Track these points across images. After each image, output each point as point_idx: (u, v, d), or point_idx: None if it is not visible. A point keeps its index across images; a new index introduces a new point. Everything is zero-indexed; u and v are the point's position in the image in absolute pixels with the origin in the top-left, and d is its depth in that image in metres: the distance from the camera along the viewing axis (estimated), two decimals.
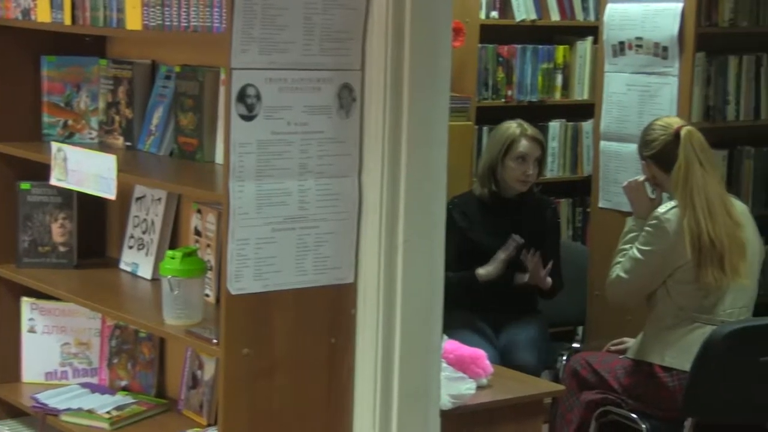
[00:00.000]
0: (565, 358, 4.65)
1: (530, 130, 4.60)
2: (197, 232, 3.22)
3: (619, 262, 4.14)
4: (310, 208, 2.78)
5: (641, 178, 4.23)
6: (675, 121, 4.17)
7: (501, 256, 4.49)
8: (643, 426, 4.01)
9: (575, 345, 4.94)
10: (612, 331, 4.57)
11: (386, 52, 2.74)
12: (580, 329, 5.16)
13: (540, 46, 5.72)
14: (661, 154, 4.10)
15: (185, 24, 2.90)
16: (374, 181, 2.80)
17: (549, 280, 4.58)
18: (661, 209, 4.04)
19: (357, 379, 2.87)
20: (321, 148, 2.78)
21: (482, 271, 4.49)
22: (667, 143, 4.08)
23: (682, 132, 4.04)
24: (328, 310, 2.84)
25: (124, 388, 3.47)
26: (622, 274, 4.09)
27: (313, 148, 2.77)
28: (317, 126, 2.76)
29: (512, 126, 4.61)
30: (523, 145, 4.55)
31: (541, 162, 4.60)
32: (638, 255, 4.04)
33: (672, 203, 4.03)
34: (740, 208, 4.11)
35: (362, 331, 2.86)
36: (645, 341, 4.08)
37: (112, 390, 3.45)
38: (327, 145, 2.78)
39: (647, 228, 4.03)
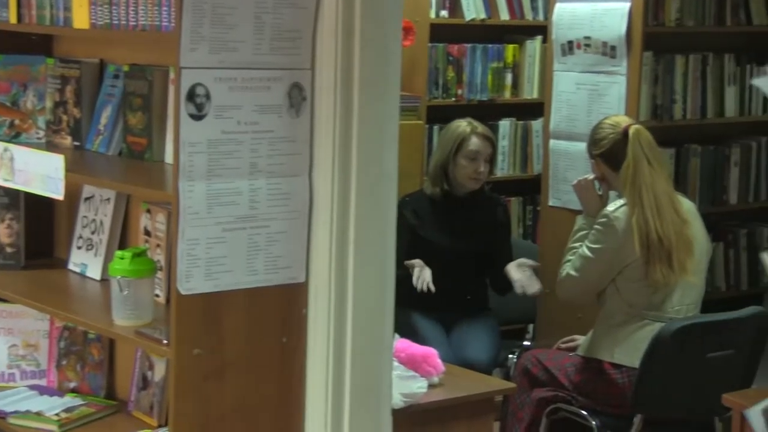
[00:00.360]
0: (515, 356, 4.68)
1: (480, 128, 4.63)
2: (147, 232, 3.21)
3: (569, 261, 4.17)
4: (261, 207, 2.78)
5: (590, 176, 4.27)
6: (623, 120, 4.21)
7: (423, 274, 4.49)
8: (593, 422, 4.05)
9: (526, 343, 4.98)
10: (562, 328, 4.60)
11: (336, 51, 2.74)
12: (530, 327, 5.20)
13: (490, 46, 5.76)
14: (610, 153, 4.14)
15: (133, 23, 2.88)
16: (325, 180, 2.81)
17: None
18: (610, 207, 4.07)
19: (308, 378, 2.87)
20: (271, 148, 2.77)
21: (415, 261, 4.47)
22: (616, 142, 4.11)
23: (631, 130, 4.08)
24: (280, 310, 2.85)
25: (73, 390, 3.44)
26: (573, 272, 4.12)
27: (264, 147, 2.76)
28: (267, 125, 2.76)
29: (462, 124, 4.63)
30: (474, 143, 4.57)
31: (491, 160, 4.64)
32: (588, 253, 4.07)
33: (621, 201, 4.07)
34: (687, 206, 4.16)
35: (314, 330, 2.86)
36: (595, 338, 4.12)
37: (60, 392, 3.43)
38: (277, 144, 2.78)
39: (596, 226, 4.07)
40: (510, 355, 4.73)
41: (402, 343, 3.59)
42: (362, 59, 2.74)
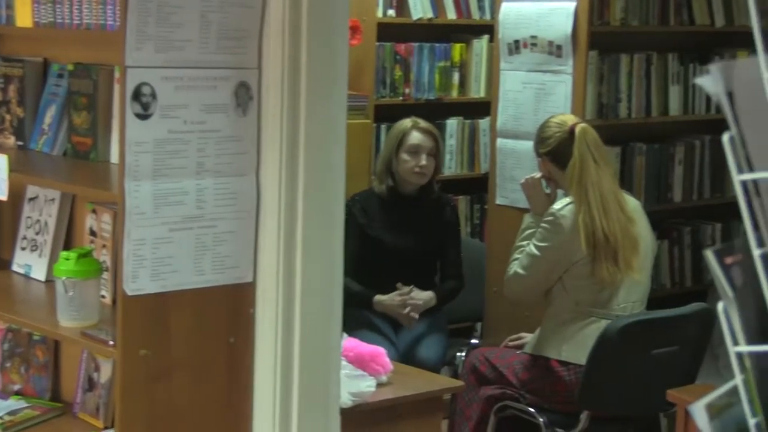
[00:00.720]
0: (464, 354, 4.71)
1: (423, 123, 4.67)
2: (92, 233, 3.18)
3: (516, 259, 4.20)
4: (208, 207, 2.77)
5: (537, 175, 4.30)
6: (570, 119, 4.25)
7: (398, 302, 4.54)
8: (541, 420, 4.08)
9: (474, 341, 5.00)
10: (510, 326, 4.63)
11: (283, 50, 2.74)
12: (478, 325, 5.23)
13: (437, 45, 5.78)
14: (556, 151, 4.17)
15: (77, 21, 2.86)
16: (272, 179, 2.81)
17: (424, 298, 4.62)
18: (557, 206, 4.11)
19: (256, 378, 2.87)
20: (218, 147, 2.77)
21: (380, 299, 4.51)
22: (563, 140, 4.15)
23: (577, 129, 4.12)
24: (227, 310, 2.84)
25: (18, 393, 3.41)
26: (520, 270, 4.15)
27: (211, 146, 2.76)
28: (214, 125, 2.76)
29: (405, 121, 4.69)
30: (415, 136, 4.61)
31: (436, 156, 4.65)
32: (535, 251, 4.10)
33: (567, 200, 4.10)
34: (633, 204, 4.21)
35: (261, 330, 2.86)
36: (542, 336, 4.15)
37: (4, 395, 3.39)
38: (224, 143, 2.78)
39: (543, 224, 4.10)
40: (458, 354, 4.75)
41: (350, 342, 3.59)
42: (309, 58, 2.75)
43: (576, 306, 4.07)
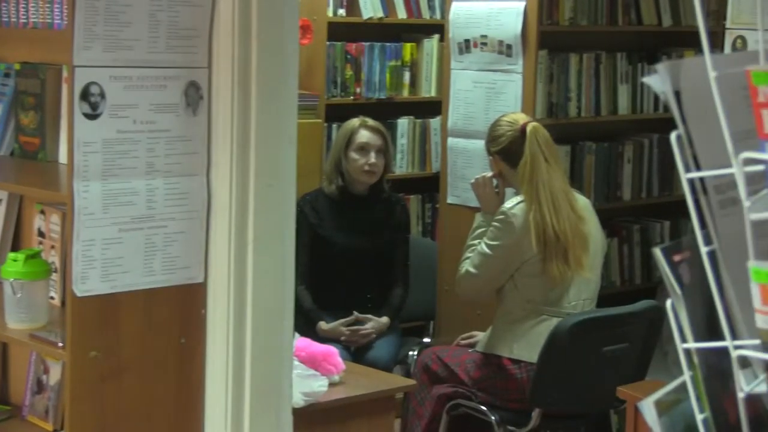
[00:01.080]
0: (416, 353, 4.71)
1: (370, 122, 4.67)
2: (41, 234, 3.15)
3: (468, 258, 4.21)
4: (158, 207, 2.76)
5: (488, 174, 4.32)
6: (521, 118, 4.27)
7: (343, 329, 4.53)
8: (493, 418, 4.10)
9: (426, 340, 5.01)
10: (462, 325, 4.65)
11: (233, 49, 2.73)
12: (430, 324, 5.23)
13: (387, 44, 5.78)
14: (507, 150, 4.19)
15: (24, 20, 2.83)
16: (223, 179, 2.79)
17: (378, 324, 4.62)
18: (508, 204, 4.12)
19: (208, 378, 2.86)
20: (168, 147, 2.75)
21: (325, 327, 4.50)
22: (514, 139, 4.16)
23: (528, 128, 4.14)
24: (178, 311, 2.82)
25: None
26: (471, 269, 4.16)
27: (161, 146, 2.74)
28: (164, 124, 2.74)
29: (353, 120, 4.69)
30: (363, 134, 4.61)
31: (385, 153, 4.65)
32: (486, 250, 4.12)
33: (518, 198, 4.12)
34: (583, 203, 4.24)
35: (213, 330, 2.85)
36: (494, 334, 4.17)
37: None
38: (174, 143, 2.76)
39: (494, 223, 4.12)
40: (410, 353, 4.75)
41: (302, 342, 3.58)
42: (259, 58, 2.74)
43: (527, 304, 4.09)
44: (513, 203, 4.11)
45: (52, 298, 3.02)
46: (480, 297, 4.28)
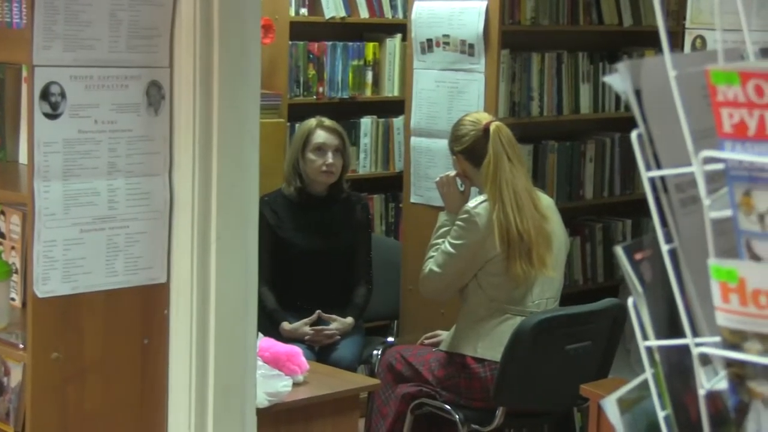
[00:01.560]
0: (380, 352, 4.71)
1: (327, 121, 4.66)
2: (1, 235, 3.12)
3: (431, 257, 4.22)
4: (120, 207, 2.74)
5: (452, 173, 4.33)
6: (484, 117, 4.28)
7: (306, 329, 4.52)
8: (457, 416, 4.10)
9: (390, 339, 5.01)
10: (426, 324, 4.65)
11: (195, 49, 2.72)
12: (394, 323, 5.24)
13: (350, 43, 5.78)
14: (471, 150, 4.20)
15: None
16: (185, 179, 2.78)
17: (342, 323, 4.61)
18: (471, 203, 4.13)
19: (171, 379, 2.84)
20: (130, 147, 2.74)
21: (288, 327, 4.49)
22: (477, 138, 4.17)
23: (491, 127, 4.15)
24: (141, 311, 2.81)
25: None
26: (435, 268, 4.17)
27: (122, 146, 2.73)
28: (126, 124, 2.72)
29: (310, 121, 4.68)
30: (320, 135, 4.60)
31: (343, 153, 4.65)
32: (450, 249, 4.12)
33: (481, 197, 4.13)
34: (546, 202, 4.25)
35: (176, 331, 2.84)
36: (458, 333, 4.17)
37: None
38: (136, 143, 2.75)
39: (458, 222, 4.13)
40: (374, 352, 4.76)
41: (266, 342, 3.58)
42: (221, 57, 2.73)
43: (491, 303, 4.10)
44: (476, 202, 4.12)
45: (12, 299, 2.99)
46: (444, 296, 4.29)
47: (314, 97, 5.65)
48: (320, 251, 4.62)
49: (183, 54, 2.75)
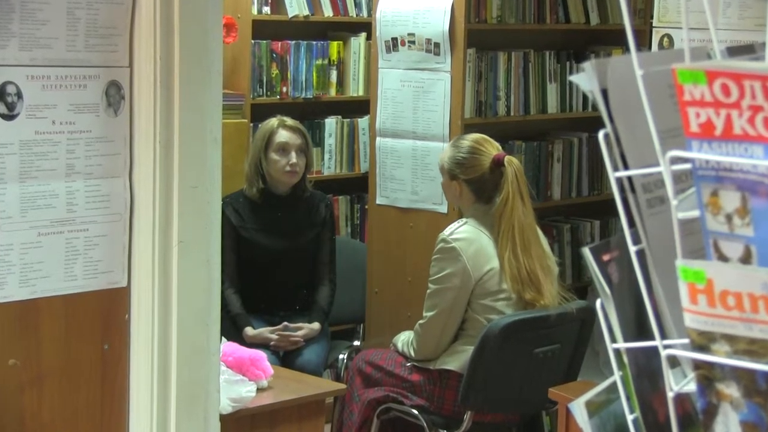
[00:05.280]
0: (346, 356, 4.71)
1: (289, 121, 4.67)
2: None
3: (410, 332, 4.12)
4: (79, 210, 2.72)
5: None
6: (492, 146, 4.14)
7: (271, 335, 4.50)
8: (424, 422, 4.10)
9: (356, 343, 5.02)
10: (392, 327, 4.65)
11: (155, 48, 2.71)
12: (360, 327, 5.24)
13: (314, 42, 5.77)
14: (478, 181, 4.07)
15: None
16: (146, 181, 2.77)
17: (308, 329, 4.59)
18: (446, 231, 4.04)
19: (132, 385, 2.83)
20: (89, 148, 2.72)
21: (251, 333, 4.48)
22: (486, 171, 4.05)
23: (505, 161, 4.03)
24: (101, 316, 2.79)
25: None
26: (427, 314, 4.04)
27: (81, 148, 2.71)
28: (84, 125, 2.71)
29: (272, 120, 4.68)
30: (282, 134, 4.60)
31: (306, 152, 4.64)
32: (435, 286, 4.02)
33: (458, 223, 4.06)
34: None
35: (137, 336, 2.82)
36: (450, 351, 4.08)
37: None
38: (95, 144, 2.73)
39: (436, 256, 4.03)
40: (340, 356, 4.76)
41: (229, 347, 3.57)
42: (182, 56, 2.72)
43: (488, 323, 3.98)
44: (452, 229, 4.03)
45: None
46: (443, 341, 4.06)
47: (278, 96, 5.64)
48: (283, 251, 4.61)
49: (143, 53, 2.74)
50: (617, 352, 1.18)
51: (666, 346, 1.13)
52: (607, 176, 1.13)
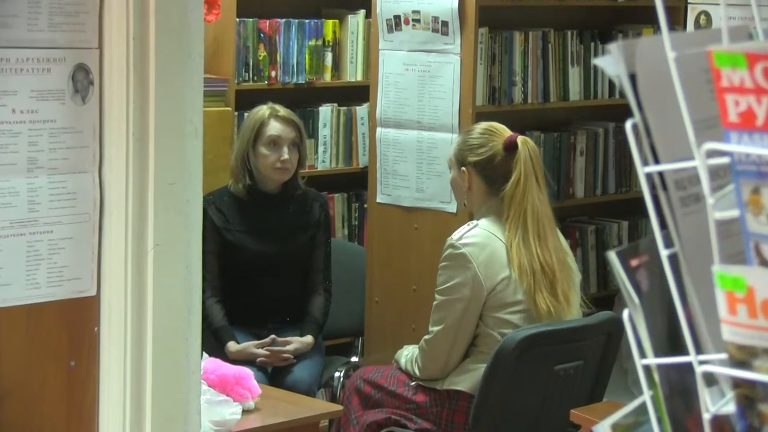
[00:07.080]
0: (342, 374, 4.72)
1: (282, 111, 4.66)
2: None
3: (414, 348, 4.12)
4: (42, 209, 2.73)
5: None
6: (503, 128, 4.15)
7: (258, 350, 4.51)
8: None
9: (354, 359, 5.02)
10: (394, 341, 4.65)
11: (128, 27, 2.72)
12: (358, 341, 5.25)
13: (306, 21, 5.78)
14: (487, 163, 4.07)
15: None
16: (118, 177, 2.78)
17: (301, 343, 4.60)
18: (455, 236, 4.04)
19: (102, 406, 2.83)
20: (53, 140, 2.73)
21: (234, 349, 4.48)
22: (498, 152, 4.06)
23: (519, 141, 4.04)
24: (67, 329, 2.80)
25: None
26: (434, 328, 4.04)
27: (44, 139, 2.72)
28: (48, 114, 2.71)
29: (262, 108, 4.67)
30: (274, 127, 4.60)
31: (299, 147, 4.65)
32: (443, 297, 4.02)
33: (468, 226, 4.06)
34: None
35: (107, 351, 2.83)
36: (459, 371, 4.08)
37: None
38: (60, 136, 2.74)
39: (443, 264, 4.03)
40: (336, 374, 4.76)
41: (211, 363, 3.57)
42: (158, 37, 2.72)
43: (501, 338, 3.98)
44: (461, 233, 4.03)
45: None
46: (454, 356, 4.06)
47: (265, 82, 5.65)
48: (273, 256, 4.61)
49: (114, 33, 2.74)
50: (647, 368, 1.18)
51: (701, 362, 1.13)
52: (635, 172, 1.13)
